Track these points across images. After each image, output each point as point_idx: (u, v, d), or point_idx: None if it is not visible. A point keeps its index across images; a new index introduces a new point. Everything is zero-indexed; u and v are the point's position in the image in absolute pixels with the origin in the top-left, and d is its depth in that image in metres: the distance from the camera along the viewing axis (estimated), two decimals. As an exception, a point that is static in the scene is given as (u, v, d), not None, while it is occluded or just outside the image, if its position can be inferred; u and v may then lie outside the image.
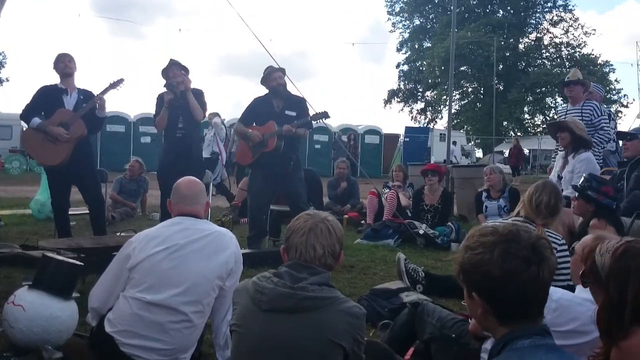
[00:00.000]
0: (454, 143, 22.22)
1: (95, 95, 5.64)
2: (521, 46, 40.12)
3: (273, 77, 5.92)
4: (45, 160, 5.68)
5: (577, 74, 6.65)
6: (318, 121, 6.09)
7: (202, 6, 77.58)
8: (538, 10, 40.83)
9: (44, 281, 3.14)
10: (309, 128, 6.20)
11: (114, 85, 5.67)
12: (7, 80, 32.69)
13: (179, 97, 5.92)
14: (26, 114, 5.61)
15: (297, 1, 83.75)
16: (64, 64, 5.61)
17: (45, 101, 5.62)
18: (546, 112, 39.57)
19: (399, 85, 44.48)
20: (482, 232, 1.57)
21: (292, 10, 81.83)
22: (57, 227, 5.81)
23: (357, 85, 78.41)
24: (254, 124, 5.97)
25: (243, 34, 74.27)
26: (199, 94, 6.05)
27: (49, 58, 5.84)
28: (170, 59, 6.09)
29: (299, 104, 6.05)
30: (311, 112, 5.98)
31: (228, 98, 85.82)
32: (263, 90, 6.00)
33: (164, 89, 6.03)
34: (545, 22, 40.60)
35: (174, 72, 5.95)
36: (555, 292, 2.29)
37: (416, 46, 43.34)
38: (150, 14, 65.21)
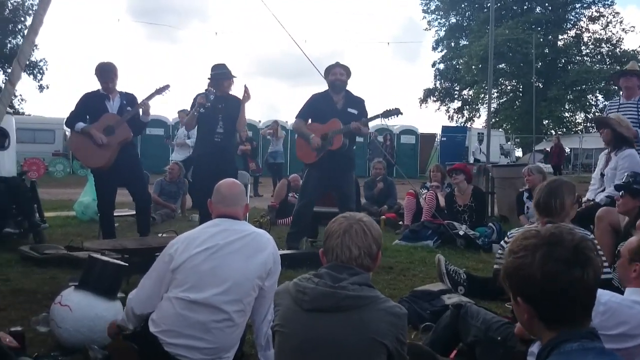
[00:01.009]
0: (480, 142, 21.98)
1: (140, 100, 5.75)
2: (560, 43, 39.35)
3: (334, 71, 5.93)
4: (91, 162, 5.84)
5: (635, 65, 6.38)
6: (389, 118, 6.01)
7: (236, 9, 78.38)
8: (577, 6, 39.98)
9: (90, 282, 3.21)
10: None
11: (159, 91, 5.77)
12: (47, 87, 33.54)
13: (222, 101, 5.90)
14: (70, 121, 5.77)
15: (330, 2, 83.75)
16: (106, 85, 5.71)
17: (89, 107, 5.75)
18: (588, 109, 38.72)
19: (435, 84, 44.15)
20: (525, 235, 1.54)
21: (325, 11, 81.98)
22: (103, 228, 5.95)
23: (392, 84, 78.03)
24: (310, 121, 5.98)
25: (276, 36, 74.70)
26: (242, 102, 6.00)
27: (91, 63, 5.97)
28: (218, 65, 6.04)
29: (360, 103, 6.05)
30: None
31: (261, 99, 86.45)
32: (297, 91, 6.04)
33: (199, 92, 6.04)
34: (584, 18, 39.75)
35: (228, 82, 5.96)
36: (604, 295, 2.22)
37: (452, 44, 42.93)
38: (185, 18, 66.18)
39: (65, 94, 68.87)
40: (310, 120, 6.06)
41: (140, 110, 5.75)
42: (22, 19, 31.31)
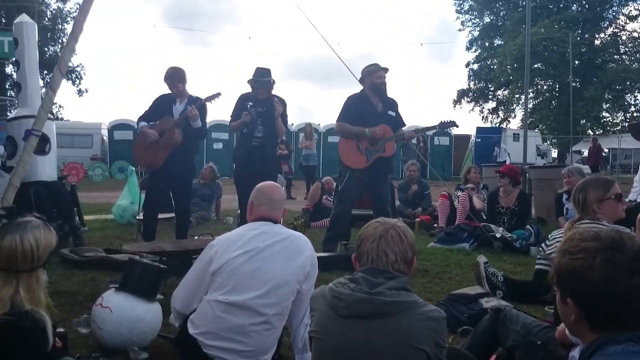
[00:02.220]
0: (498, 143, 21.68)
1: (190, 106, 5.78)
2: (597, 42, 38.45)
3: (378, 74, 5.89)
4: (141, 161, 6.05)
5: None
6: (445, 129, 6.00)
7: (268, 12, 78.93)
8: (614, 4, 39.05)
9: (130, 284, 3.26)
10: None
11: (209, 99, 5.79)
12: (87, 91, 34.26)
13: (261, 105, 5.88)
14: (139, 119, 5.95)
15: (362, 4, 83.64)
16: (177, 89, 5.79)
17: (158, 109, 5.89)
18: (626, 109, 37.78)
19: (469, 84, 43.65)
20: (583, 236, 1.51)
21: (357, 13, 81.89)
22: (145, 228, 6.04)
23: (425, 85, 77.49)
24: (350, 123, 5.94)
25: (307, 39, 75.10)
26: (282, 106, 5.96)
27: (128, 68, 6.08)
28: (261, 80, 5.96)
29: (395, 105, 6.04)
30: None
31: (293, 102, 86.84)
32: (329, 93, 6.02)
33: (243, 92, 6.07)
34: (622, 15, 38.78)
35: (263, 90, 5.91)
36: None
37: (486, 44, 42.38)
38: (217, 22, 66.99)
39: (101, 99, 70.31)
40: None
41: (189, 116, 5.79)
42: (60, 26, 32.10)
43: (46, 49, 30.23)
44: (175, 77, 5.78)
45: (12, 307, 1.97)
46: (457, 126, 5.83)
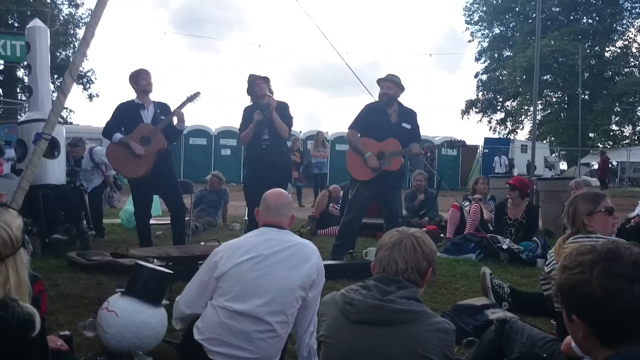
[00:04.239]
0: (499, 156, 21.63)
1: (173, 109, 5.83)
2: (607, 54, 38.37)
3: (381, 85, 5.93)
4: (128, 172, 5.88)
5: None
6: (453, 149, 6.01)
7: (275, 19, 79.28)
8: (625, 16, 39.01)
9: (136, 288, 3.26)
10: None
11: (190, 99, 5.83)
12: (97, 95, 34.46)
13: (265, 108, 5.90)
14: (107, 131, 5.82)
15: (371, 14, 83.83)
16: (147, 82, 5.84)
17: (125, 117, 5.83)
18: (637, 123, 37.61)
19: (477, 95, 43.64)
20: (580, 250, 1.50)
21: (367, 22, 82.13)
22: (140, 236, 6.01)
23: (433, 96, 77.46)
24: (360, 135, 5.96)
25: (316, 46, 75.29)
26: (284, 108, 6.00)
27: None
28: (250, 75, 6.08)
29: (413, 116, 6.03)
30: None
31: (301, 110, 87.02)
32: (337, 101, 6.04)
33: (249, 103, 6.10)
34: (632, 28, 38.71)
35: (259, 85, 5.94)
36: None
37: (495, 55, 42.37)
38: (224, 29, 67.37)
39: (112, 104, 70.60)
40: (358, 135, 6.01)
41: (175, 119, 5.82)
42: (72, 31, 32.35)
43: (57, 53, 30.43)
44: (143, 71, 5.84)
45: (1, 297, 1.98)
46: (465, 146, 5.82)
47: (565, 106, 38.31)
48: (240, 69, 72.30)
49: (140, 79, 5.82)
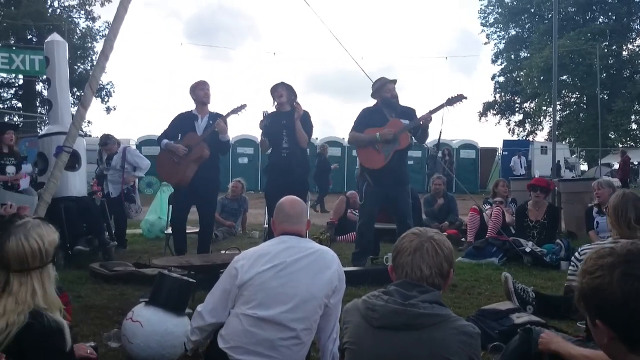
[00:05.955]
0: (519, 156, 21.33)
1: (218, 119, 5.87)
2: (625, 53, 37.94)
3: (387, 88, 5.98)
4: (168, 177, 6.14)
5: None
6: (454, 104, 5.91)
7: (288, 26, 79.61)
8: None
9: (160, 298, 3.28)
10: (422, 142, 6.33)
11: (235, 110, 5.85)
12: (114, 109, 34.76)
13: (284, 117, 5.90)
14: (160, 138, 6.07)
15: (385, 18, 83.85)
16: (204, 93, 5.98)
17: (180, 127, 6.02)
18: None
19: (495, 97, 43.36)
20: (600, 254, 1.47)
21: (381, 26, 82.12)
22: (175, 243, 6.15)
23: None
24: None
25: (329, 52, 75.19)
26: (305, 117, 5.96)
27: (155, 86, 6.18)
28: (281, 82, 6.05)
29: (411, 112, 6.03)
30: None
31: (316, 116, 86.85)
32: (351, 107, 6.06)
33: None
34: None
35: (279, 92, 5.93)
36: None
37: (512, 56, 42.10)
38: (237, 37, 67.80)
39: (129, 115, 71.36)
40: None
41: (216, 129, 5.84)
42: (90, 44, 32.75)
43: (76, 67, 30.79)
44: (201, 83, 5.98)
45: (32, 308, 2.01)
46: (465, 98, 5.76)
47: (584, 106, 37.90)
48: (255, 77, 72.59)
49: (198, 90, 5.98)
